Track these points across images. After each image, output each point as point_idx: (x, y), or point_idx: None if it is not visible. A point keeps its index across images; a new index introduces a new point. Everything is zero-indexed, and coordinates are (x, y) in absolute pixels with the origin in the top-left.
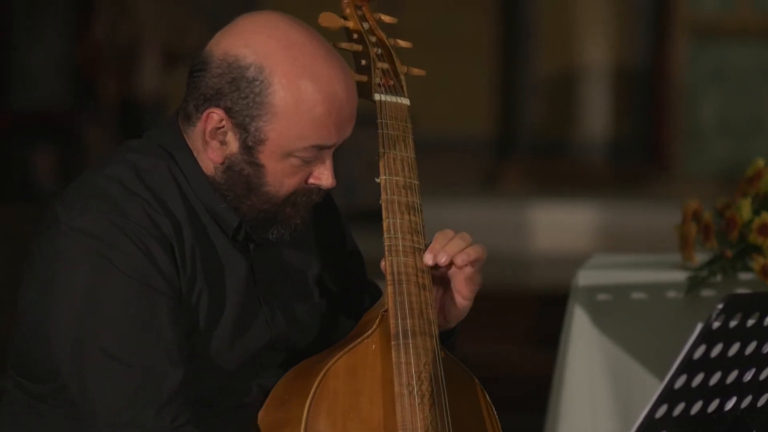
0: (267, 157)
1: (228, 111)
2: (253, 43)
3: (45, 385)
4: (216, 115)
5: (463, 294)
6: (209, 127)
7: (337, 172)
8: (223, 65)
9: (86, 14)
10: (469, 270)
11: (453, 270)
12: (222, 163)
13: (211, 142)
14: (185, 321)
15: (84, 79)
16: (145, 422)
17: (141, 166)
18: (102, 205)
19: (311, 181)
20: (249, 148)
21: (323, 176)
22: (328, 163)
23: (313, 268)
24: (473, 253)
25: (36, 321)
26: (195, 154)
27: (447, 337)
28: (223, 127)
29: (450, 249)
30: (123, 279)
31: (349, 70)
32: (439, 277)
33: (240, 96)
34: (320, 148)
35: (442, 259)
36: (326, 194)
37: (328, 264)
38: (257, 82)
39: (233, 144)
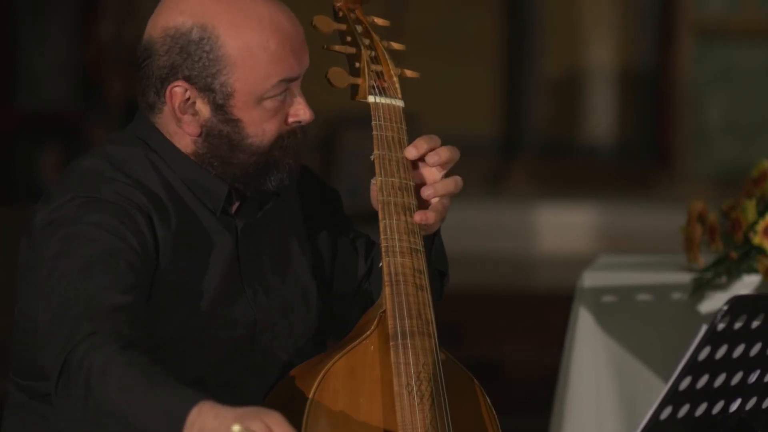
0: (240, 110)
1: (188, 79)
2: (186, 8)
3: (47, 383)
4: (178, 88)
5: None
6: (177, 103)
7: (340, 174)
8: (167, 41)
9: (92, 15)
10: (441, 201)
11: (427, 195)
12: (200, 134)
13: (184, 117)
14: (165, 292)
15: (90, 79)
16: (82, 329)
17: (116, 156)
18: (77, 190)
19: (291, 120)
20: (220, 107)
21: (300, 111)
22: (300, 97)
23: (301, 250)
24: (444, 154)
25: (28, 312)
26: (169, 137)
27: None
28: (189, 98)
29: (421, 144)
30: (94, 230)
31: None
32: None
33: (194, 60)
34: (287, 81)
35: (411, 153)
36: (311, 174)
37: (317, 242)
38: (204, 40)
39: (204, 110)
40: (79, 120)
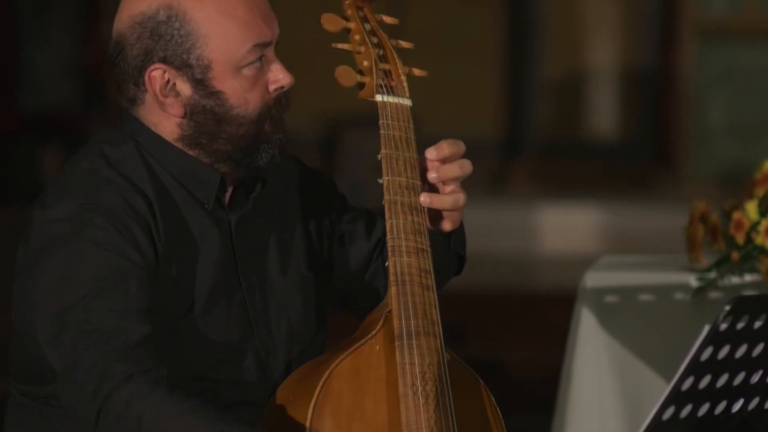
0: (220, 81)
1: (164, 60)
2: None
3: (47, 386)
4: (156, 71)
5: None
6: (157, 87)
7: (341, 174)
8: (136, 29)
9: (94, 15)
10: (454, 214)
11: (432, 179)
12: (184, 115)
13: (167, 100)
14: (160, 293)
15: (91, 80)
16: (114, 372)
17: (112, 156)
18: (76, 194)
19: (272, 87)
20: (200, 81)
21: (279, 76)
22: (277, 64)
23: (296, 241)
24: (452, 171)
25: (25, 318)
26: (154, 129)
27: (444, 237)
28: (168, 80)
29: (447, 172)
30: (96, 250)
31: None
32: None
33: (166, 40)
34: (261, 46)
35: (432, 176)
36: (300, 164)
37: (312, 230)
38: (173, 18)
39: (185, 88)
40: (80, 120)
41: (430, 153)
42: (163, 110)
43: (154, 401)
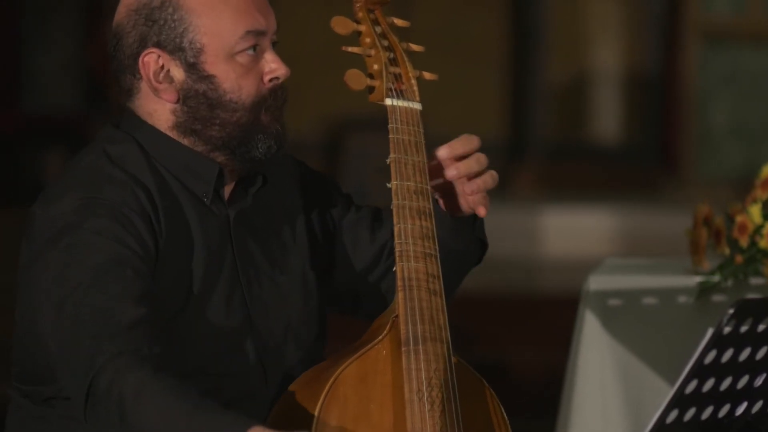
0: (212, 65)
1: (158, 45)
2: None
3: (49, 387)
4: (150, 55)
5: (467, 208)
6: (151, 72)
7: (346, 177)
8: (132, 17)
9: (96, 17)
10: (477, 196)
11: (451, 176)
12: (178, 101)
13: (161, 86)
14: (159, 285)
15: (94, 81)
16: (104, 349)
17: (113, 153)
18: (78, 190)
19: (267, 78)
20: (193, 65)
21: (274, 66)
22: (272, 55)
23: (297, 239)
24: (483, 184)
25: (28, 314)
26: (149, 119)
27: (465, 222)
28: (162, 66)
29: (463, 169)
30: (95, 238)
31: None
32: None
33: (160, 24)
34: (254, 34)
35: (452, 173)
36: (302, 165)
37: (314, 229)
38: (167, 4)
39: (179, 73)
40: (82, 122)
41: (443, 151)
42: (157, 96)
43: (137, 378)
